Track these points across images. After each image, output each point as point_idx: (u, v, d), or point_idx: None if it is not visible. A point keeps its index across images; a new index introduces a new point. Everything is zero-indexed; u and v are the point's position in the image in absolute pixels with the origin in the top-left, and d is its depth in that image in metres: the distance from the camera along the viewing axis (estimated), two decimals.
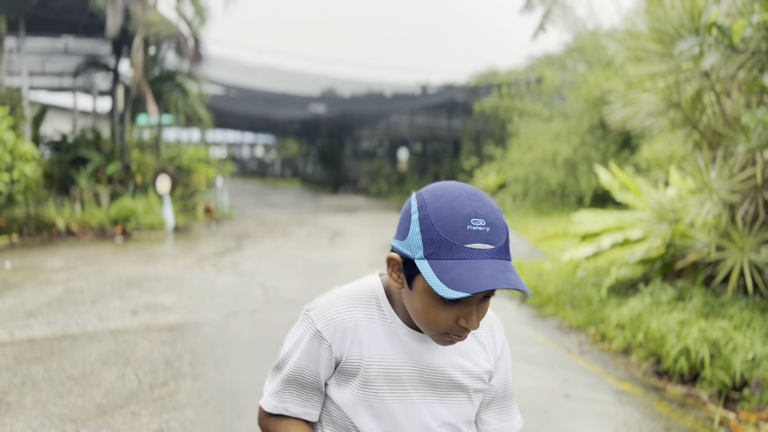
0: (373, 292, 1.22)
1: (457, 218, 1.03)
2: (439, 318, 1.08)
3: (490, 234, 1.03)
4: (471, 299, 1.06)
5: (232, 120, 30.34)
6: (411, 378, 1.19)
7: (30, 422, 3.80)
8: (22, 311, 6.43)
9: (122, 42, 14.42)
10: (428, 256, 1.03)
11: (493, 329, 1.29)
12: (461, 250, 1.01)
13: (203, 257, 10.01)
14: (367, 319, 1.19)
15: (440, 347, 1.21)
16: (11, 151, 11.04)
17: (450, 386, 1.22)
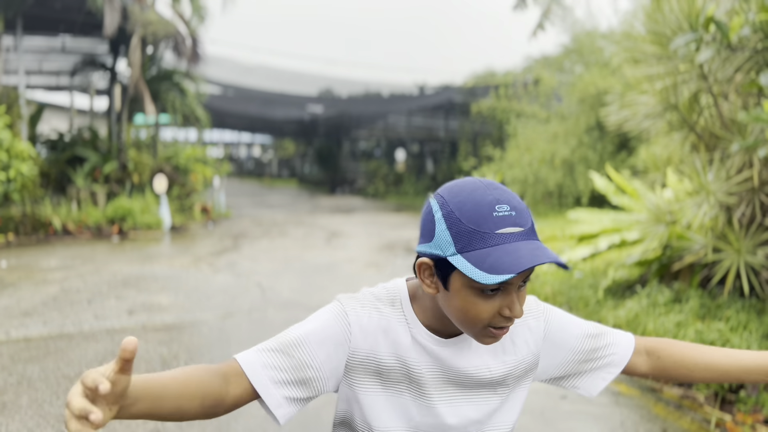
0: (398, 297, 1.21)
1: (482, 207, 1.03)
2: (481, 312, 1.06)
3: (516, 217, 1.03)
4: (510, 286, 1.05)
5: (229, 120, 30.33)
6: (433, 380, 1.17)
7: (26, 422, 3.79)
8: (18, 310, 6.41)
9: (120, 41, 14.41)
10: (461, 250, 1.03)
11: (527, 320, 1.26)
12: (493, 237, 1.01)
13: (200, 257, 10.00)
14: (395, 323, 1.18)
15: (464, 351, 1.19)
16: (8, 149, 11.02)
17: (473, 385, 1.20)
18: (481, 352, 1.21)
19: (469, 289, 1.06)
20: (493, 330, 1.09)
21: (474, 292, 1.05)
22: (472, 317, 1.07)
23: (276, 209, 19.18)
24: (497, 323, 1.08)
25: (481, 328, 1.09)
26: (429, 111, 28.70)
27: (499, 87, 20.88)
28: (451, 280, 1.07)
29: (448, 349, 1.18)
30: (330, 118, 28.41)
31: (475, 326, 1.08)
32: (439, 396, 1.18)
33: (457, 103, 24.67)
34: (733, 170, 4.81)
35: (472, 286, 1.05)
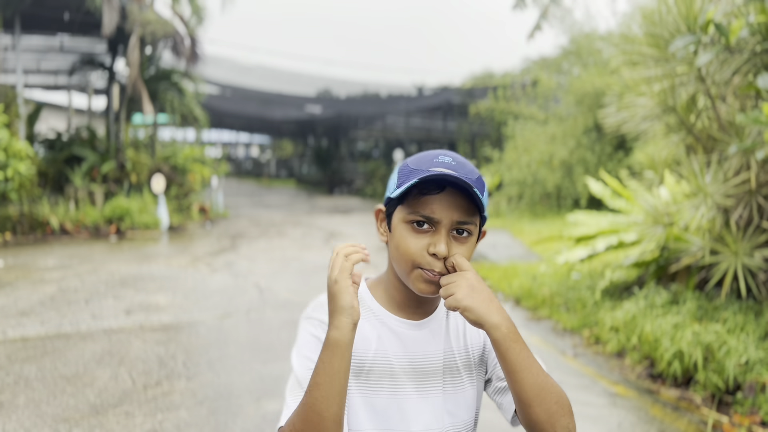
0: (359, 293, 1.25)
1: (428, 155, 1.17)
2: (410, 245, 1.13)
3: (455, 166, 1.13)
4: (440, 225, 1.12)
5: (227, 120, 30.32)
6: (404, 370, 1.19)
7: (23, 422, 3.78)
8: (15, 310, 6.40)
9: (118, 40, 14.39)
10: (399, 185, 1.14)
11: None
12: (425, 171, 1.11)
13: (198, 257, 9.99)
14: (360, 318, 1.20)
15: (434, 333, 1.22)
16: (5, 149, 10.99)
17: (445, 372, 1.22)
18: (456, 333, 1.25)
19: (404, 224, 1.15)
20: (423, 272, 1.12)
21: (406, 226, 1.14)
22: (403, 252, 1.14)
23: (274, 209, 19.17)
24: (425, 263, 1.12)
25: (410, 268, 1.13)
26: (427, 112, 28.71)
27: (497, 88, 20.90)
28: (394, 218, 1.18)
29: (417, 331, 1.21)
30: (328, 119, 28.40)
31: (406, 264, 1.14)
32: (413, 387, 1.19)
33: (456, 104, 24.68)
34: (731, 172, 4.82)
35: (405, 221, 1.14)
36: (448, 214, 1.12)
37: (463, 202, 1.12)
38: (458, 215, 1.12)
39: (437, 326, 1.24)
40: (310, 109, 27.23)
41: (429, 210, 1.12)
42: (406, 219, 1.14)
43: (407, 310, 1.23)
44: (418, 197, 1.12)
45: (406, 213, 1.14)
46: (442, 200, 1.11)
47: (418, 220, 1.13)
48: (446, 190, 1.11)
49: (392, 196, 1.16)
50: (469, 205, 1.13)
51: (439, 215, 1.12)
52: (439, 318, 1.25)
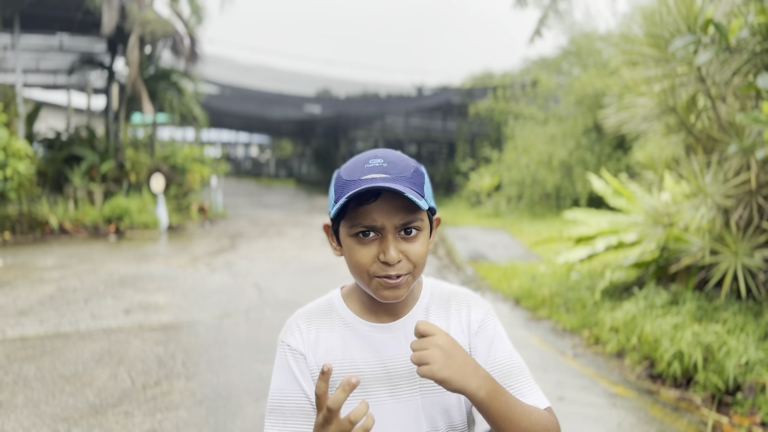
0: (330, 301, 1.26)
1: (359, 162, 1.14)
2: (361, 258, 1.12)
3: (387, 167, 1.11)
4: (385, 231, 1.10)
5: (227, 119, 30.30)
6: (376, 376, 1.18)
7: (22, 421, 3.77)
8: (14, 309, 6.39)
9: (118, 40, 14.38)
10: (337, 200, 1.12)
11: (469, 305, 1.26)
12: (358, 183, 1.09)
13: (197, 257, 9.98)
14: (327, 329, 1.21)
15: (409, 335, 1.19)
16: (4, 148, 10.98)
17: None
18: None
19: (350, 238, 1.13)
20: (381, 279, 1.12)
21: (353, 240, 1.13)
22: (355, 265, 1.13)
23: (273, 209, 19.16)
24: (378, 271, 1.11)
25: (368, 279, 1.13)
26: (427, 112, 28.71)
27: (497, 88, 20.90)
28: (340, 233, 1.16)
29: (391, 335, 1.19)
30: (328, 119, 28.40)
31: (363, 276, 1.13)
32: (386, 392, 1.17)
33: (455, 105, 24.67)
34: (731, 173, 4.81)
35: (350, 234, 1.13)
36: (389, 219, 1.10)
37: (401, 203, 1.10)
38: (399, 218, 1.10)
39: (413, 327, 1.18)
40: (310, 109, 27.22)
41: (370, 219, 1.10)
42: (350, 233, 1.13)
43: (379, 314, 1.21)
44: (356, 209, 1.10)
45: (349, 227, 1.12)
46: (380, 207, 1.09)
47: (361, 231, 1.11)
48: (382, 196, 1.09)
49: (331, 212, 1.13)
50: (409, 205, 1.10)
51: (380, 222, 1.10)
52: (415, 318, 1.22)
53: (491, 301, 7.25)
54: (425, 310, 1.24)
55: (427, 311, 1.24)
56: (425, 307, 1.24)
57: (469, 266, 9.33)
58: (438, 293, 1.28)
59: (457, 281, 8.41)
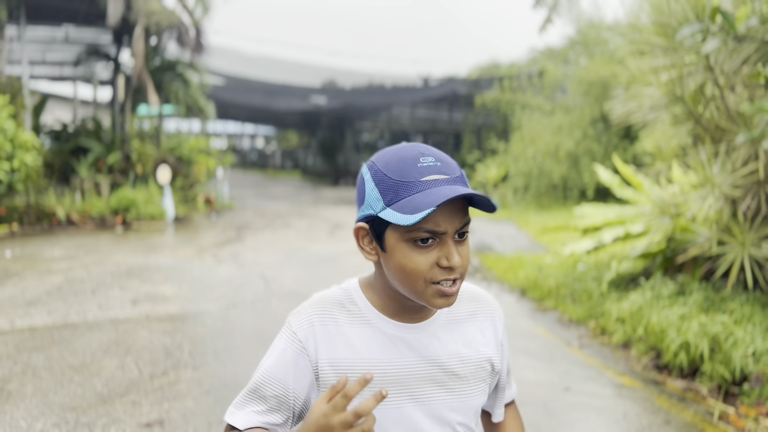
0: (349, 292, 1.19)
1: (407, 161, 1.07)
2: (418, 264, 1.06)
3: (442, 167, 1.07)
4: (446, 236, 1.06)
5: (232, 110, 30.29)
6: (400, 378, 1.14)
7: (30, 410, 3.80)
8: (22, 300, 6.43)
9: (123, 31, 14.37)
10: (389, 203, 1.05)
11: (494, 315, 1.27)
12: (418, 184, 1.04)
13: (203, 248, 10.01)
14: (346, 323, 1.16)
15: (434, 335, 1.17)
16: (12, 140, 11.01)
17: (448, 378, 1.17)
18: (453, 337, 1.19)
19: (404, 243, 1.06)
20: (438, 287, 1.07)
21: (409, 245, 1.06)
22: (411, 272, 1.06)
23: (279, 200, 19.18)
24: (437, 276, 1.06)
25: (424, 286, 1.07)
26: (433, 103, 28.65)
27: (503, 79, 20.81)
28: (386, 238, 1.08)
29: (414, 335, 1.16)
30: (333, 110, 28.36)
31: (417, 283, 1.07)
32: (409, 395, 1.14)
33: (462, 95, 24.60)
34: (739, 162, 4.78)
35: (405, 239, 1.06)
36: (452, 224, 1.06)
37: (461, 206, 1.08)
38: (460, 222, 1.07)
39: (438, 330, 1.18)
40: (315, 100, 27.19)
41: (433, 224, 1.05)
42: (406, 238, 1.06)
43: (404, 315, 1.16)
44: None
45: (406, 231, 1.05)
46: (443, 211, 1.05)
47: (422, 237, 1.05)
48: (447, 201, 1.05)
49: (397, 223, 1.04)
50: (466, 207, 1.09)
51: (444, 227, 1.05)
52: (439, 321, 1.19)
53: (497, 292, 7.25)
54: (447, 312, 1.20)
55: (451, 311, 1.21)
56: (447, 311, 1.20)
57: (476, 257, 9.32)
58: (459, 296, 1.23)
59: None
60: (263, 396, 1.14)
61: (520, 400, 4.04)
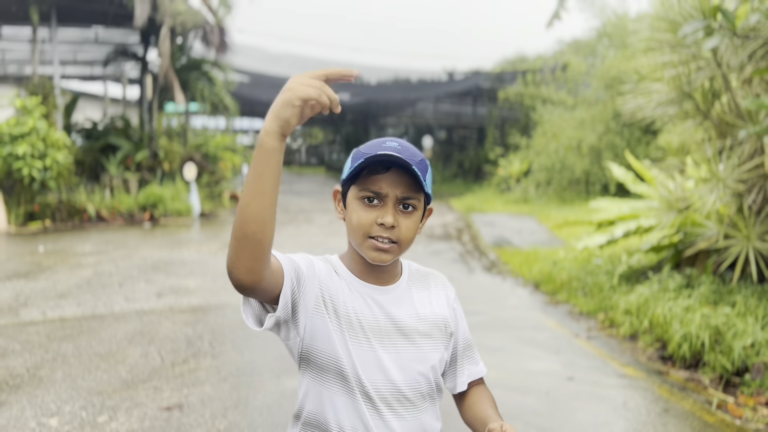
0: (331, 262, 1.43)
1: (377, 142, 1.34)
2: (362, 218, 1.31)
3: (401, 150, 1.30)
4: (387, 199, 1.30)
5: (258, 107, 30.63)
6: (372, 328, 1.35)
7: (60, 394, 4.06)
8: (54, 292, 6.74)
9: (150, 32, 14.73)
10: (351, 168, 1.33)
11: (445, 286, 1.51)
12: (374, 156, 1.29)
13: (227, 243, 10.25)
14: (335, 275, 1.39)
15: (397, 297, 1.40)
16: (44, 139, 11.43)
17: (408, 333, 1.38)
18: (412, 301, 1.42)
19: (356, 201, 1.33)
20: (374, 242, 1.31)
21: (359, 202, 1.33)
22: (356, 224, 1.32)
23: (303, 196, 19.45)
24: (374, 232, 1.31)
25: (362, 238, 1.32)
26: (457, 97, 28.65)
27: (526, 73, 20.77)
28: (348, 196, 1.36)
29: (384, 297, 1.39)
30: (358, 105, 28.54)
31: (358, 235, 1.32)
32: (379, 342, 1.35)
33: (485, 89, 24.58)
34: (744, 157, 4.84)
35: (357, 197, 1.33)
36: (393, 190, 1.30)
37: (406, 179, 1.30)
38: (402, 191, 1.30)
39: (401, 294, 1.41)
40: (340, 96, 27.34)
41: (377, 186, 1.30)
42: (357, 196, 1.32)
43: (371, 277, 1.40)
44: (368, 176, 1.31)
45: (358, 190, 1.32)
46: (387, 178, 1.30)
47: (368, 196, 1.31)
48: (391, 170, 1.30)
49: (344, 177, 1.35)
50: (412, 183, 1.31)
51: (385, 190, 1.30)
52: (401, 287, 1.43)
53: (511, 286, 7.37)
54: (407, 282, 1.45)
55: (409, 284, 1.45)
56: (407, 280, 1.45)
57: (493, 251, 9.44)
58: (415, 271, 1.50)
59: (479, 266, 8.54)
60: (290, 258, 1.33)
61: (523, 389, 4.19)
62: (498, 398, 4.01)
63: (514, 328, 5.64)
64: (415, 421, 1.39)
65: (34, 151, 11.28)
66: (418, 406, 1.39)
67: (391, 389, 1.36)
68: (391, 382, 1.36)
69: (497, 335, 5.40)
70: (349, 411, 1.34)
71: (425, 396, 1.41)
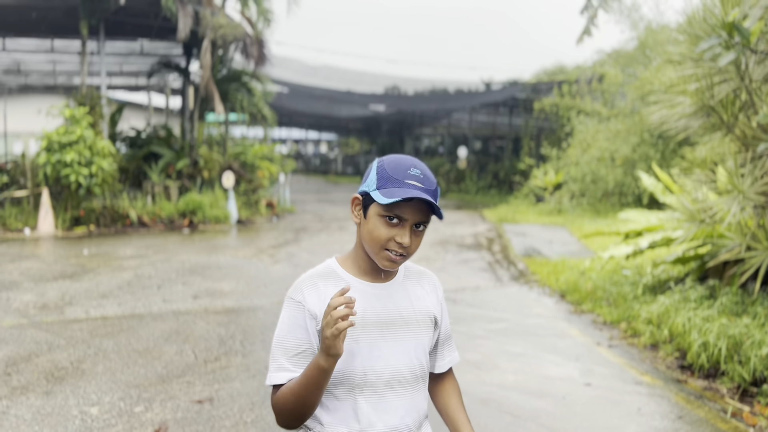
0: (329, 266, 1.64)
1: (402, 166, 1.54)
2: (381, 234, 1.51)
3: (423, 179, 1.52)
4: (406, 222, 1.51)
5: (296, 118, 31.25)
6: (371, 322, 1.56)
7: (101, 386, 4.34)
8: (96, 293, 7.10)
9: (192, 44, 15.25)
10: (379, 187, 1.51)
11: (434, 284, 1.72)
12: (402, 183, 1.50)
13: (262, 249, 10.59)
14: (332, 286, 1.58)
15: (393, 292, 1.61)
16: (90, 147, 11.95)
17: (405, 322, 1.59)
18: (408, 295, 1.64)
19: (379, 217, 1.52)
20: (388, 254, 1.52)
21: (381, 219, 1.52)
22: (375, 237, 1.52)
23: (338, 205, 19.74)
24: (390, 246, 1.52)
25: (379, 249, 1.52)
26: (492, 108, 28.66)
27: (562, 84, 20.73)
28: (369, 209, 1.54)
29: (383, 292, 1.61)
30: (393, 115, 28.82)
31: (375, 246, 1.52)
32: (380, 333, 1.57)
33: (521, 100, 24.58)
34: (765, 169, 4.89)
35: (380, 215, 1.51)
36: (413, 216, 1.51)
37: (425, 207, 1.51)
38: (420, 217, 1.52)
39: (396, 289, 1.63)
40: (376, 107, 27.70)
41: (400, 212, 1.50)
42: (381, 213, 1.51)
43: (372, 275, 1.61)
44: (395, 203, 1.50)
45: (382, 210, 1.51)
46: (410, 206, 1.50)
47: (391, 216, 1.50)
48: (414, 200, 1.49)
49: (367, 191, 1.54)
50: (429, 210, 1.52)
51: (407, 216, 1.51)
52: (397, 283, 1.64)
53: (537, 295, 7.46)
54: (403, 279, 1.66)
55: (405, 280, 1.67)
56: (403, 277, 1.67)
57: (522, 261, 9.52)
58: (409, 269, 1.72)
59: (507, 276, 8.64)
60: (287, 349, 1.57)
61: (541, 393, 4.32)
62: (515, 401, 4.18)
63: (537, 336, 5.75)
64: (411, 400, 1.59)
65: (81, 158, 11.80)
66: (414, 386, 1.60)
67: (393, 372, 1.56)
68: (392, 366, 1.56)
69: (519, 341, 5.52)
70: (343, 411, 1.56)
71: (419, 377, 1.62)
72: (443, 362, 1.75)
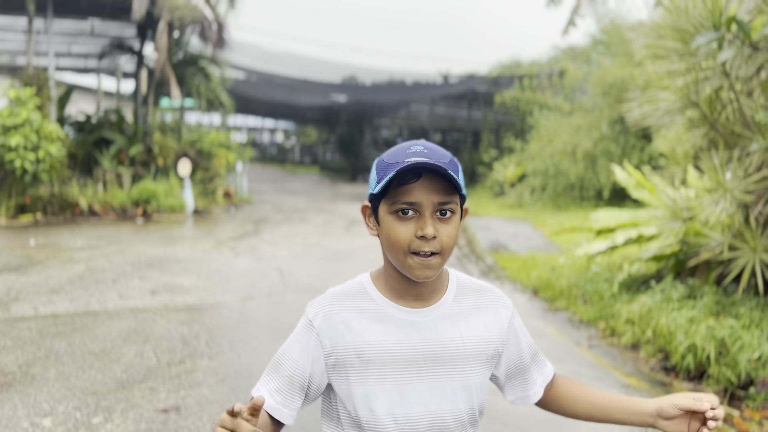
0: (361, 283, 1.33)
1: (401, 148, 1.24)
2: (400, 234, 1.21)
3: (427, 153, 1.21)
4: (424, 209, 1.20)
5: (253, 105, 30.52)
6: (405, 358, 1.26)
7: (53, 393, 3.96)
8: (45, 288, 6.62)
9: (147, 25, 14.60)
10: (379, 180, 1.23)
11: (498, 304, 1.38)
12: (401, 163, 1.19)
13: (222, 241, 10.18)
14: (357, 311, 1.28)
15: (437, 321, 1.29)
16: (37, 130, 11.27)
17: (451, 357, 1.28)
18: (456, 322, 1.30)
19: (390, 215, 1.23)
20: (418, 258, 1.21)
21: (393, 217, 1.22)
22: (394, 241, 1.21)
23: (297, 195, 19.35)
24: (416, 247, 1.20)
25: (404, 256, 1.21)
26: (452, 100, 28.62)
27: (523, 78, 20.77)
28: (380, 212, 1.25)
29: (423, 319, 1.28)
30: (352, 106, 28.46)
31: (399, 252, 1.21)
32: (416, 373, 1.26)
33: (481, 93, 24.56)
34: (752, 168, 4.81)
35: (390, 212, 1.22)
36: (428, 198, 1.19)
37: (440, 184, 1.20)
38: (438, 197, 1.20)
39: (442, 314, 1.30)
40: (335, 97, 27.28)
41: (410, 197, 1.19)
42: (390, 210, 1.22)
43: (408, 299, 1.29)
44: (398, 188, 1.20)
45: (390, 204, 1.22)
46: (420, 186, 1.19)
47: (402, 208, 1.20)
48: (423, 177, 1.19)
49: (374, 192, 1.24)
50: (447, 187, 1.20)
51: (420, 199, 1.19)
52: (444, 306, 1.31)
53: (510, 291, 7.31)
54: (453, 299, 1.32)
55: (456, 301, 1.32)
56: (453, 296, 1.33)
57: (489, 256, 9.38)
58: (464, 284, 1.36)
59: (477, 271, 8.49)
60: (280, 372, 1.28)
61: None
62: (501, 408, 3.92)
63: None
64: None
65: (27, 142, 11.12)
66: None
67: (432, 420, 1.27)
68: (432, 413, 1.27)
69: None
70: None
71: (466, 424, 1.32)
72: (536, 388, 1.43)
